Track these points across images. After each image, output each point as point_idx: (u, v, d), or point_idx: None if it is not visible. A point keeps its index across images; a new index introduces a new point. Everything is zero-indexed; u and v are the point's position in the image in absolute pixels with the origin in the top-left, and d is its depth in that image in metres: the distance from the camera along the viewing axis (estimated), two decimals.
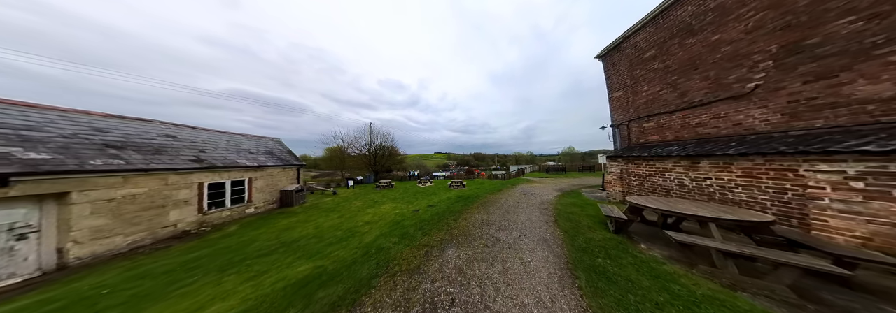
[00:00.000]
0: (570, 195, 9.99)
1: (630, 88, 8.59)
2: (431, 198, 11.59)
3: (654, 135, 7.63)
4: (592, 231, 4.96)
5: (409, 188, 17.54)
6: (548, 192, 10.91)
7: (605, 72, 9.94)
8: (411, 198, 12.66)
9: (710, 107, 6.00)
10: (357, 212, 9.27)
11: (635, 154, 7.10)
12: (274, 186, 10.40)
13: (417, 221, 6.58)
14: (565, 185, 13.43)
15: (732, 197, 4.68)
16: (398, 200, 11.98)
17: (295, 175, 11.72)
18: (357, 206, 10.61)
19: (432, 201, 10.34)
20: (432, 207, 8.62)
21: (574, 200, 8.50)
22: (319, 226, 7.37)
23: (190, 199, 6.85)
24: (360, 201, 12.12)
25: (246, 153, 9.76)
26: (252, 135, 11.64)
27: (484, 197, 9.90)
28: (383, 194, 14.58)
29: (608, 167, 8.20)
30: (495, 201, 8.88)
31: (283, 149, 12.53)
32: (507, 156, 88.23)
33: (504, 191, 11.52)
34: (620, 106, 9.08)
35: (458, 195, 10.98)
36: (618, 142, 9.12)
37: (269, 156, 10.86)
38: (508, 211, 7.17)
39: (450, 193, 12.63)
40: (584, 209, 7.01)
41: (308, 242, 5.74)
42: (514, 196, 9.97)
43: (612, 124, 9.53)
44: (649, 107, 7.83)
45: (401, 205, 10.55)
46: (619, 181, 7.69)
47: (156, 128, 7.49)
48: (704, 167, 5.19)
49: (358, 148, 23.99)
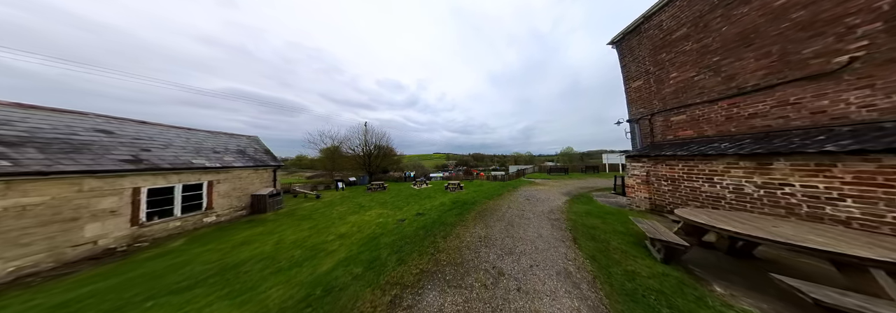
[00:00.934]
0: (581, 200, 8.56)
1: (653, 76, 7.17)
2: (423, 204, 10.17)
3: (687, 131, 6.20)
4: (630, 257, 3.54)
5: (402, 190, 16.12)
6: (554, 197, 9.48)
7: (620, 59, 8.52)
8: (402, 202, 11.24)
9: (772, 93, 4.58)
10: (334, 221, 7.85)
11: (667, 153, 5.67)
12: (244, 190, 8.95)
13: (398, 237, 5.15)
14: (571, 188, 12.00)
15: (834, 212, 3.26)
16: (387, 205, 10.56)
17: (270, 177, 10.27)
18: (338, 213, 9.18)
19: (424, 207, 8.92)
20: (421, 216, 7.18)
21: (588, 208, 7.07)
22: (281, 241, 5.95)
23: (119, 209, 5.41)
24: (345, 206, 10.69)
25: (209, 152, 8.32)
26: (223, 133, 10.20)
27: (482, 203, 8.46)
28: (373, 198, 13.15)
29: (629, 169, 6.78)
30: (495, 209, 7.45)
31: (260, 148, 11.08)
32: (506, 157, 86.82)
33: (505, 195, 10.09)
34: (640, 97, 7.66)
35: (453, 200, 9.55)
36: (638, 139, 7.70)
37: (240, 155, 9.42)
38: (512, 223, 5.74)
39: (445, 197, 11.21)
40: (606, 220, 5.58)
41: (253, 268, 4.32)
42: (517, 202, 8.54)
43: (630, 119, 8.11)
44: (679, 96, 6.41)
45: (388, 211, 9.14)
46: (645, 186, 6.26)
47: (85, 122, 6.06)
48: (781, 169, 3.76)
49: (351, 147, 22.54)
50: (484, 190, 12.01)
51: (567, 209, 7.16)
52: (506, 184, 13.83)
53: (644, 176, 6.30)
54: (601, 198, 8.84)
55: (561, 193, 10.40)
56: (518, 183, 14.44)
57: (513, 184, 13.63)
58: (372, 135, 24.49)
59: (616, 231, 4.86)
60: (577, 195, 9.91)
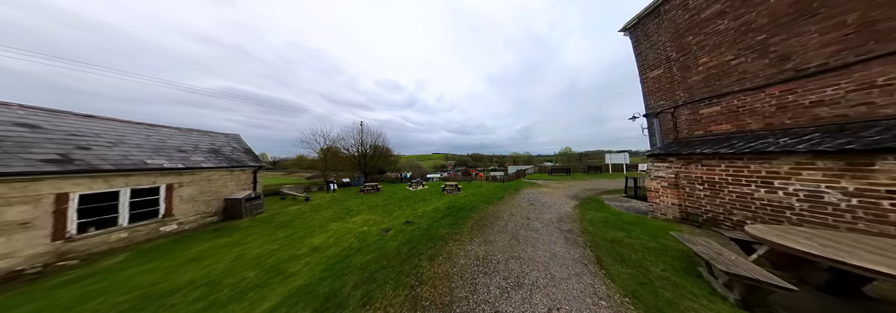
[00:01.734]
0: (592, 205, 7.50)
1: (676, 63, 6.13)
2: (416, 208, 9.11)
3: (722, 124, 5.16)
4: (686, 295, 2.48)
5: (397, 192, 15.05)
6: (561, 201, 8.43)
7: (635, 47, 7.48)
8: (393, 206, 10.18)
9: (847, 74, 3.54)
10: (314, 229, 6.82)
11: (704, 150, 4.62)
12: (215, 194, 7.88)
13: (375, 256, 4.08)
14: (577, 190, 10.95)
15: None
16: (376, 209, 9.50)
17: (249, 179, 9.19)
18: (320, 219, 8.12)
19: (416, 212, 7.85)
20: (410, 225, 6.11)
21: (604, 215, 6.01)
22: (241, 257, 4.90)
23: (33, 220, 4.33)
24: (331, 211, 9.61)
25: (172, 151, 7.24)
26: (196, 130, 9.12)
27: (481, 208, 7.40)
28: (364, 200, 12.08)
29: (651, 170, 5.73)
30: (496, 216, 6.39)
31: (239, 147, 10.01)
32: (505, 157, 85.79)
33: (506, 198, 9.03)
34: (660, 88, 6.62)
35: (449, 204, 8.49)
36: (658, 136, 6.65)
37: (212, 155, 8.34)
38: (517, 236, 4.68)
39: (441, 201, 10.14)
40: (630, 233, 4.52)
41: (183, 299, 3.28)
42: (520, 207, 7.48)
43: (648, 113, 7.07)
44: (711, 85, 5.37)
45: (376, 217, 8.09)
46: (673, 190, 5.20)
47: (2, 115, 4.98)
48: (889, 172, 2.71)
49: (345, 147, 21.46)
50: (483, 192, 10.95)
51: (579, 216, 6.10)
52: (506, 186, 12.78)
53: (672, 178, 5.24)
54: (614, 203, 7.78)
55: (567, 196, 9.34)
56: (519, 184, 13.39)
57: (513, 186, 12.58)
58: (368, 135, 23.44)
59: (648, 248, 3.80)
60: (585, 198, 8.85)
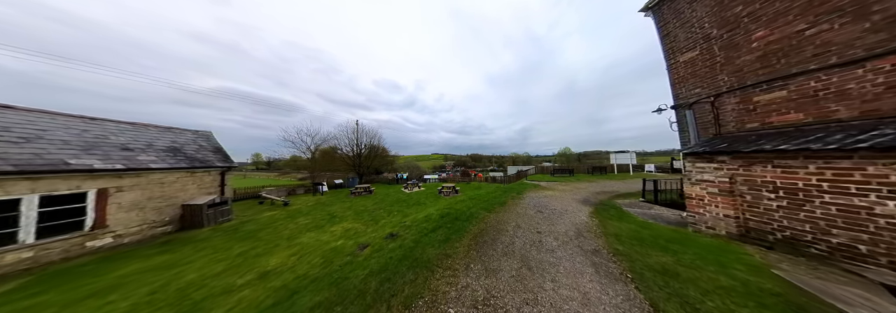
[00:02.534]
0: (610, 213, 6.29)
1: (718, 42, 4.93)
2: (408, 214, 7.90)
3: (791, 113, 3.95)
4: None
5: (390, 194, 13.82)
6: (572, 207, 7.20)
7: (660, 28, 6.28)
8: (383, 211, 8.97)
9: None
10: (277, 244, 5.62)
11: (779, 146, 3.40)
12: (169, 199, 6.64)
13: (330, 296, 2.84)
14: (587, 193, 9.73)
15: None
16: (362, 216, 8.30)
17: (215, 181, 7.95)
18: (293, 229, 6.90)
19: (405, 220, 6.64)
20: (393, 240, 4.88)
21: (631, 228, 4.79)
22: (164, 288, 3.72)
23: None
24: (310, 218, 8.38)
25: (113, 149, 6.01)
26: (154, 125, 7.87)
27: (480, 216, 6.16)
28: (352, 204, 10.84)
29: (692, 173, 4.51)
30: (499, 229, 5.15)
31: (209, 145, 8.76)
32: (504, 157, 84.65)
33: (508, 203, 7.80)
34: (695, 73, 5.41)
35: (444, 210, 7.25)
36: (693, 130, 5.43)
37: (169, 154, 7.10)
38: (528, 261, 3.45)
39: (435, 206, 8.93)
40: (679, 257, 3.30)
41: None
42: (527, 215, 6.25)
43: (678, 104, 5.85)
44: (772, 64, 4.16)
45: (359, 226, 6.90)
46: (727, 198, 3.97)
47: None
48: None
49: (339, 147, 20.19)
50: (482, 195, 9.73)
51: (600, 228, 4.87)
52: (507, 189, 11.56)
53: (724, 183, 4.01)
54: (635, 210, 6.56)
55: (578, 201, 8.12)
56: (521, 186, 12.17)
57: (516, 189, 11.35)
58: (363, 134, 22.20)
59: (724, 287, 2.57)
60: (598, 204, 7.63)
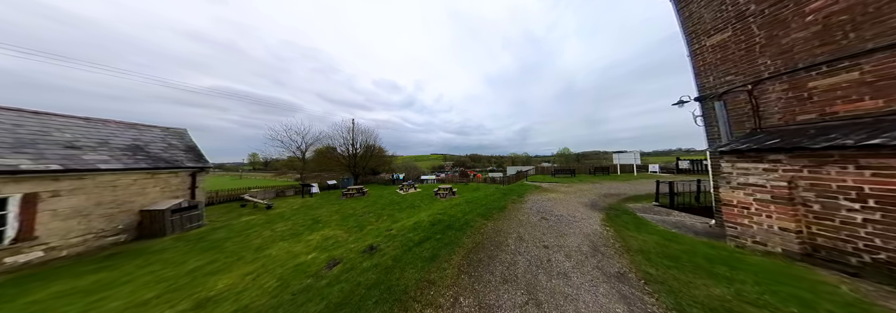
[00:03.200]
0: (625, 220, 5.44)
1: (758, 18, 4.08)
2: (397, 219, 7.08)
3: (863, 100, 3.10)
4: None
5: (383, 196, 12.97)
6: (580, 212, 6.35)
7: (679, 11, 5.44)
8: (372, 216, 8.14)
9: None
10: (240, 258, 4.81)
11: (868, 141, 2.54)
12: (124, 204, 5.78)
13: None
14: (593, 196, 8.87)
15: None
16: (348, 221, 7.48)
17: (184, 183, 7.08)
18: (266, 237, 6.07)
19: (393, 228, 5.78)
20: (372, 254, 4.01)
21: (656, 240, 3.94)
22: None
23: None
24: (289, 223, 7.52)
25: (52, 147, 5.14)
26: (117, 122, 6.99)
27: (476, 224, 5.30)
28: (340, 208, 9.98)
29: (733, 175, 3.65)
30: (498, 242, 4.29)
31: (180, 144, 7.90)
32: (504, 158, 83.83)
33: (509, 208, 6.94)
34: (726, 58, 4.57)
35: (436, 216, 6.40)
36: (725, 124, 4.58)
37: (127, 153, 6.24)
38: (535, 291, 2.59)
39: (429, 209, 8.09)
40: (739, 288, 2.45)
41: None
42: (530, 223, 5.39)
43: (703, 96, 4.99)
44: (836, 40, 3.32)
45: (340, 234, 6.07)
46: (785, 207, 3.11)
47: None
48: None
49: (332, 146, 19.30)
50: (480, 198, 8.87)
51: (619, 242, 4.01)
52: (508, 191, 10.70)
53: (782, 188, 3.15)
54: (651, 216, 5.70)
55: (585, 205, 7.26)
56: (521, 188, 11.32)
57: (516, 191, 10.50)
58: (359, 134, 21.34)
59: None
60: (608, 208, 6.78)
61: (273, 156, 16.61)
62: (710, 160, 4.89)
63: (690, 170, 15.89)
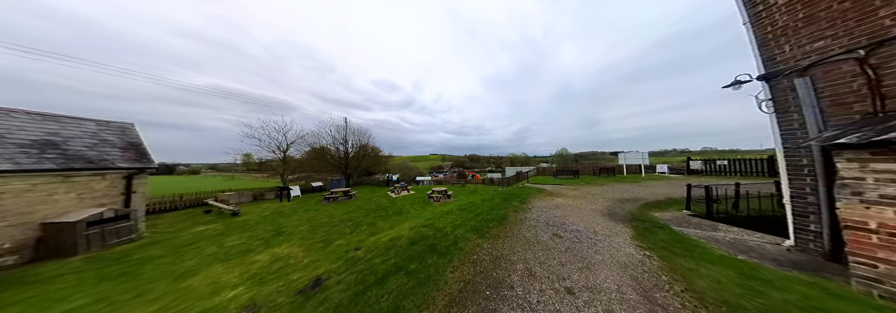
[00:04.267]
0: (661, 237, 4.06)
1: None
2: (375, 231, 5.72)
3: None
4: None
5: (371, 200, 11.58)
6: (598, 224, 4.97)
7: None
8: (347, 226, 6.78)
9: None
10: (148, 290, 3.44)
11: None
12: (21, 215, 4.39)
13: None
14: (608, 202, 7.49)
15: None
16: (315, 234, 6.12)
17: (115, 188, 5.70)
18: (204, 257, 4.68)
19: (364, 245, 4.37)
20: (309, 298, 2.61)
21: (729, 275, 2.57)
22: None
23: None
24: (245, 236, 6.13)
25: None
26: (27, 111, 5.59)
27: (469, 246, 3.90)
28: (315, 215, 8.59)
29: (866, 183, 2.30)
30: (496, 281, 2.87)
31: (120, 140, 6.51)
32: (502, 158, 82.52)
33: (510, 220, 5.53)
34: (815, 16, 3.20)
35: (420, 230, 4.99)
36: (814, 107, 3.22)
37: (36, 150, 4.86)
38: None
39: (416, 218, 6.73)
40: None
41: None
42: (539, 242, 3.99)
43: (775, 72, 3.61)
44: None
45: (297, 252, 4.70)
46: None
47: None
48: None
49: (318, 145, 17.86)
50: (477, 204, 7.49)
51: (677, 281, 2.63)
52: (508, 194, 9.32)
53: None
54: (694, 232, 4.32)
55: (600, 214, 5.88)
56: (523, 192, 9.93)
57: (517, 195, 9.11)
58: (350, 133, 19.94)
59: None
60: (630, 218, 5.40)
61: (241, 154, 14.80)
62: (785, 159, 3.52)
63: (703, 171, 14.53)
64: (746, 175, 13.16)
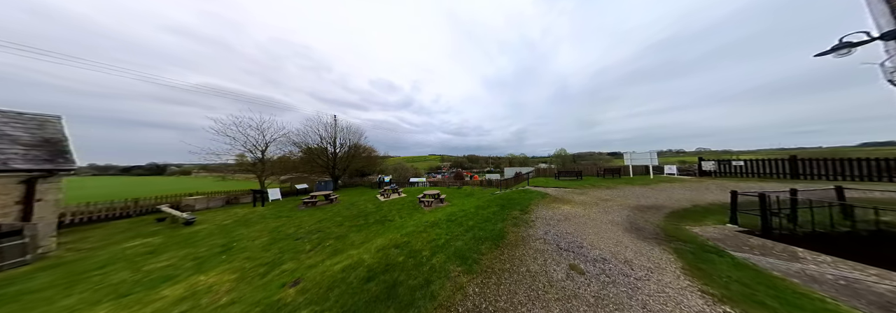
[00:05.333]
0: (726, 270, 2.75)
1: None
2: (341, 249, 4.37)
3: None
4: None
5: (356, 204, 10.26)
6: (624, 245, 3.65)
7: None
8: (311, 241, 5.43)
9: None
10: None
11: None
12: None
13: None
14: (625, 210, 6.16)
15: None
16: (265, 253, 4.78)
17: (7, 196, 4.37)
18: (99, 290, 3.28)
19: (306, 277, 3.05)
20: None
21: None
22: None
23: None
24: (181, 253, 4.77)
25: None
26: None
27: (447, 285, 2.59)
28: (281, 225, 7.25)
29: None
30: None
31: (29, 136, 5.19)
32: (501, 158, 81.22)
33: (510, 237, 4.19)
34: None
35: (388, 253, 3.66)
36: None
37: None
38: None
39: (395, 231, 5.40)
40: None
41: None
42: (552, 282, 2.68)
43: None
44: None
45: (227, 282, 3.29)
46: None
47: None
48: None
49: (304, 144, 16.49)
50: (470, 213, 6.16)
51: None
52: (507, 200, 7.98)
53: None
54: (768, 261, 3.00)
55: (622, 229, 4.55)
56: (524, 196, 8.59)
57: (517, 200, 7.77)
58: (341, 131, 18.61)
59: None
60: (664, 236, 4.08)
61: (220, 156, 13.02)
62: None
63: (716, 173, 13.21)
64: (765, 177, 11.83)
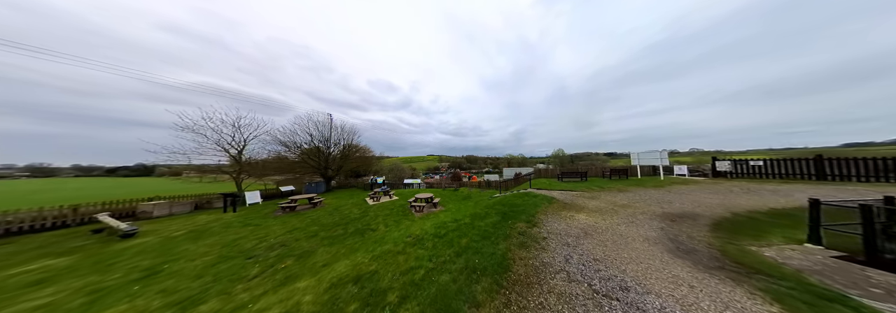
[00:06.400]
0: None
1: None
2: (296, 276, 3.06)
3: None
4: None
5: (340, 209, 8.99)
6: (684, 280, 2.44)
7: None
8: (269, 260, 4.12)
9: None
10: None
11: None
12: None
13: None
14: (655, 222, 4.93)
15: None
16: (200, 278, 3.59)
17: None
18: None
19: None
20: None
21: None
22: None
23: None
24: (79, 284, 3.51)
25: None
26: None
27: None
28: (243, 236, 5.97)
29: None
30: None
31: None
32: (499, 159, 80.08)
33: (515, 266, 3.00)
34: None
35: (342, 293, 2.41)
36: None
37: None
38: None
39: (371, 249, 4.12)
40: None
41: None
42: None
43: None
44: None
45: None
46: None
47: None
48: None
49: (291, 143, 15.19)
50: (464, 224, 4.92)
51: None
52: (508, 208, 6.72)
53: None
54: None
55: (666, 250, 3.32)
56: (527, 202, 7.35)
57: (521, 208, 6.51)
58: (335, 130, 17.34)
59: None
60: (724, 261, 2.85)
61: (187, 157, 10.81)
62: None
63: (732, 174, 12.02)
64: (788, 178, 10.66)
